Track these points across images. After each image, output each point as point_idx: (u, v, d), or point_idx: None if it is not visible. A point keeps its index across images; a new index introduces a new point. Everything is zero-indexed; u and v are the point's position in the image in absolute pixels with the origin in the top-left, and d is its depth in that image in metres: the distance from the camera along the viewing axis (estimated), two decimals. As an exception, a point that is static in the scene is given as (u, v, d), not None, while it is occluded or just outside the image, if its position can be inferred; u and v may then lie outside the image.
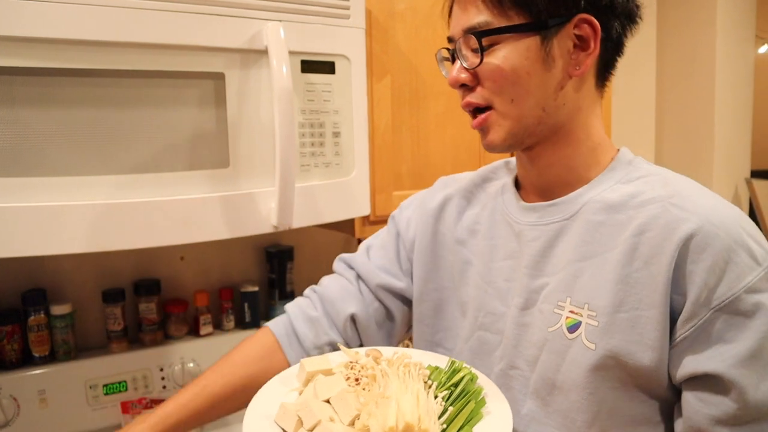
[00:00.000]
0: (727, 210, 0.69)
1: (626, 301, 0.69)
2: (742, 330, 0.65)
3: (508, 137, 0.75)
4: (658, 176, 0.75)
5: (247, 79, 1.01)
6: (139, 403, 1.28)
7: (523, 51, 0.71)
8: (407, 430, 0.58)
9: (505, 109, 0.74)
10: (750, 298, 0.65)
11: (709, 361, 0.65)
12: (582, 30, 0.72)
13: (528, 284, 0.78)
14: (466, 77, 0.74)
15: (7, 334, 1.22)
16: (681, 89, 2.19)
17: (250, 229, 1.03)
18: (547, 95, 0.73)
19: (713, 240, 0.66)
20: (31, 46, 0.85)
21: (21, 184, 0.86)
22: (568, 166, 0.78)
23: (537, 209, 0.80)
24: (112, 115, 0.92)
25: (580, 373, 0.71)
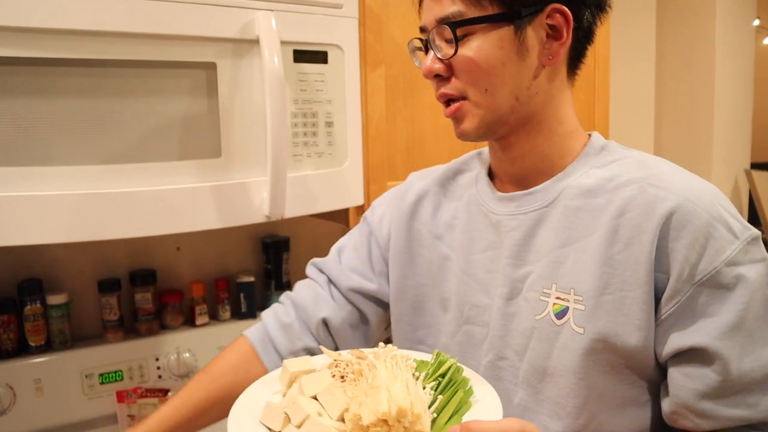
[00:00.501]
0: (704, 187, 0.70)
1: (611, 283, 0.70)
2: (724, 302, 0.66)
3: (481, 126, 0.76)
4: (632, 158, 0.76)
5: (239, 68, 1.01)
6: (135, 393, 1.29)
7: (496, 41, 0.72)
8: (400, 415, 0.58)
9: (479, 99, 0.74)
10: (731, 271, 0.66)
11: (693, 334, 0.67)
12: (554, 20, 0.73)
13: (511, 274, 0.78)
14: (440, 68, 0.75)
15: (3, 324, 1.22)
16: (680, 81, 2.19)
17: (243, 219, 1.03)
18: (521, 85, 0.74)
19: (692, 216, 0.67)
20: (23, 36, 0.85)
21: (15, 173, 0.86)
22: (542, 154, 0.79)
23: (514, 199, 0.80)
24: (105, 105, 0.92)
25: (572, 358, 0.71)
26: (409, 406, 0.59)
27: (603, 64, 1.58)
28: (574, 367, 0.71)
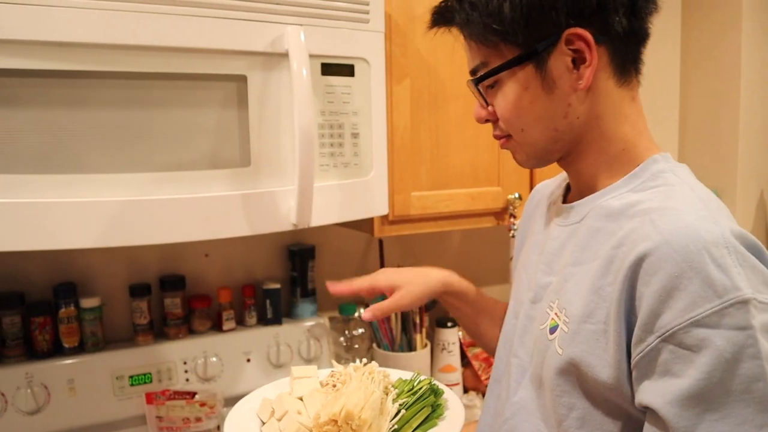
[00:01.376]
0: (700, 232, 0.62)
1: (595, 313, 0.68)
2: (687, 365, 0.60)
3: (530, 158, 0.80)
4: (669, 188, 0.71)
5: (269, 81, 1.05)
6: (163, 395, 1.32)
7: (522, 82, 0.73)
8: (347, 417, 0.65)
9: (520, 138, 0.77)
10: (697, 333, 0.59)
11: (650, 393, 0.62)
12: (575, 44, 0.70)
13: (539, 280, 0.81)
14: (486, 113, 0.80)
15: (39, 325, 1.27)
16: (705, 90, 2.17)
17: (270, 227, 1.06)
18: (556, 116, 0.74)
19: (666, 263, 0.61)
20: (61, 50, 0.89)
21: (52, 180, 0.90)
22: (590, 173, 0.78)
23: (562, 211, 0.82)
24: (139, 116, 0.96)
25: (551, 373, 0.72)
26: (358, 411, 0.65)
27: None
28: (552, 384, 0.72)
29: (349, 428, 0.64)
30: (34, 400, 1.22)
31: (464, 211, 1.40)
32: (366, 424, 0.64)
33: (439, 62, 1.32)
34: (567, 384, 0.71)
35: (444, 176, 1.37)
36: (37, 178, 0.89)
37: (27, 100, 0.88)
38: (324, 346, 1.52)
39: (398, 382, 0.78)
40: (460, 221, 1.42)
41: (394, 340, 1.57)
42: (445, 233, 1.80)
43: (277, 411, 0.73)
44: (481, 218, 1.44)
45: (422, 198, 1.34)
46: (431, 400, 0.73)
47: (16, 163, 0.88)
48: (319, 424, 0.65)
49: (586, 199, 0.78)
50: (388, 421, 0.69)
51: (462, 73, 1.34)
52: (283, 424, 0.70)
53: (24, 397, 1.21)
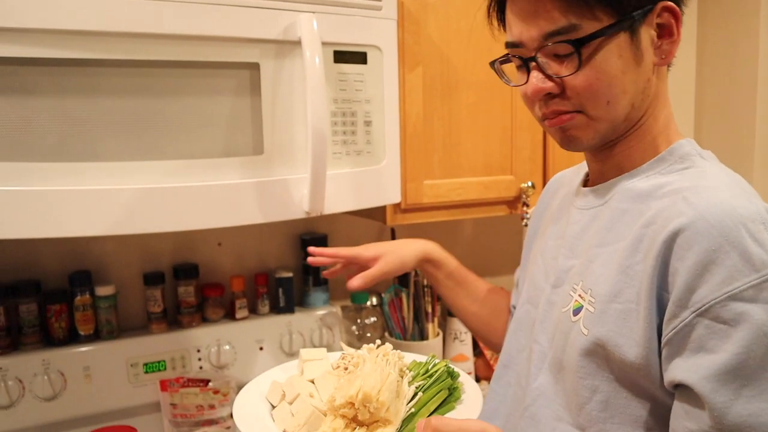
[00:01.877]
0: (737, 207, 0.62)
1: (623, 293, 0.68)
2: (723, 340, 0.59)
3: (595, 137, 0.74)
4: (699, 170, 0.71)
5: (282, 69, 1.04)
6: (177, 382, 1.33)
7: (615, 50, 0.69)
8: (365, 399, 0.62)
9: (599, 113, 0.71)
10: (735, 306, 0.58)
11: (684, 369, 0.61)
12: (663, 18, 0.70)
13: (562, 264, 0.80)
14: (552, 86, 0.71)
15: (56, 313, 1.28)
16: (721, 81, 2.14)
17: (283, 215, 1.06)
18: (638, 90, 0.72)
19: (702, 237, 0.61)
20: (78, 38, 0.89)
21: (68, 169, 0.91)
22: (626, 155, 0.76)
23: (585, 194, 0.81)
24: (153, 104, 0.96)
25: (575, 355, 0.72)
26: (376, 393, 0.63)
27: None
28: (576, 365, 0.71)
29: (367, 411, 0.62)
30: (51, 387, 1.23)
31: (477, 200, 1.40)
32: (384, 407, 0.63)
33: (452, 50, 1.32)
34: (591, 365, 0.70)
35: (456, 164, 1.36)
36: (53, 166, 0.90)
37: (42, 89, 0.88)
38: (336, 334, 1.53)
39: (413, 365, 0.77)
40: (472, 210, 1.41)
41: (406, 329, 1.57)
42: (458, 222, 1.80)
43: (288, 394, 0.72)
44: (493, 207, 1.43)
45: (435, 186, 1.34)
46: (448, 383, 0.72)
47: (32, 152, 0.88)
48: (335, 406, 0.63)
49: (610, 182, 0.77)
50: (404, 404, 0.67)
51: (476, 60, 1.34)
52: (295, 408, 0.69)
53: (41, 383, 1.22)
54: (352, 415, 0.63)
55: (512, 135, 1.42)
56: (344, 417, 0.64)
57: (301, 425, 0.65)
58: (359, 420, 0.63)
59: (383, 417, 0.63)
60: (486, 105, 1.38)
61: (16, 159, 0.87)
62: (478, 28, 0.79)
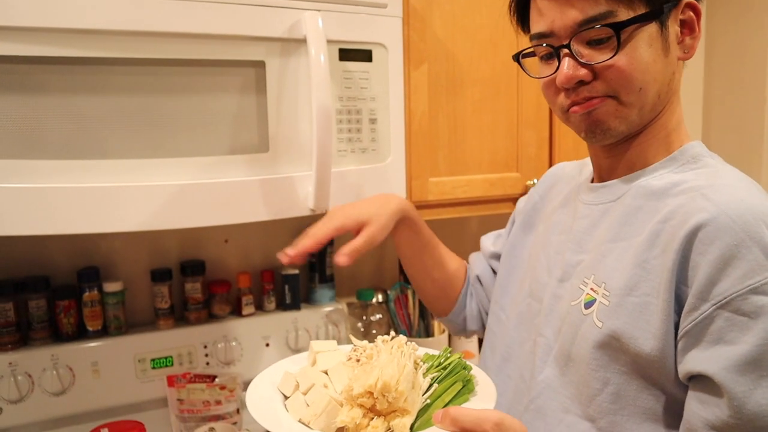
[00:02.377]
0: (756, 204, 0.64)
1: (639, 286, 0.69)
2: (743, 332, 0.61)
3: (623, 126, 0.74)
4: (713, 169, 0.73)
5: (287, 67, 1.05)
6: (184, 378, 1.34)
7: (647, 39, 0.71)
8: (384, 389, 0.62)
9: (632, 99, 0.73)
10: (757, 300, 0.60)
11: (704, 360, 0.63)
12: (686, 14, 0.73)
13: (569, 259, 0.81)
14: (585, 73, 0.72)
15: (64, 309, 1.29)
16: (730, 79, 2.13)
17: (288, 212, 1.07)
18: (665, 81, 0.74)
19: (724, 233, 0.63)
20: (87, 37, 0.90)
21: (76, 166, 0.92)
22: (642, 150, 0.77)
23: (594, 189, 0.82)
24: (160, 102, 0.97)
25: (587, 348, 0.72)
26: (395, 383, 0.63)
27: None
28: (588, 358, 0.72)
29: (386, 400, 0.62)
30: (59, 382, 1.25)
31: (482, 197, 1.40)
32: (402, 396, 0.63)
33: (457, 47, 1.32)
34: (604, 358, 0.71)
35: (462, 162, 1.37)
36: (61, 163, 0.91)
37: (51, 88, 0.89)
38: (342, 331, 1.54)
39: (426, 357, 0.77)
40: (478, 207, 1.41)
41: (412, 325, 1.57)
42: (464, 219, 1.80)
43: (302, 384, 0.72)
44: (499, 204, 1.43)
45: (440, 184, 1.34)
46: (462, 375, 0.72)
47: (41, 149, 0.89)
48: (353, 396, 0.63)
49: (622, 179, 0.78)
50: (420, 395, 0.67)
51: (481, 57, 1.34)
52: (311, 398, 0.69)
53: (50, 378, 1.24)
54: (370, 404, 0.63)
55: (518, 132, 1.42)
56: (362, 406, 0.63)
57: (318, 415, 0.65)
58: (377, 410, 0.63)
59: (401, 407, 0.64)
60: (491, 102, 1.38)
61: (25, 156, 0.88)
62: (483, 25, 0.79)
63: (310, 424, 0.67)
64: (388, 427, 0.63)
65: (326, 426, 0.65)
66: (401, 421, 0.63)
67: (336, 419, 0.64)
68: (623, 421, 0.70)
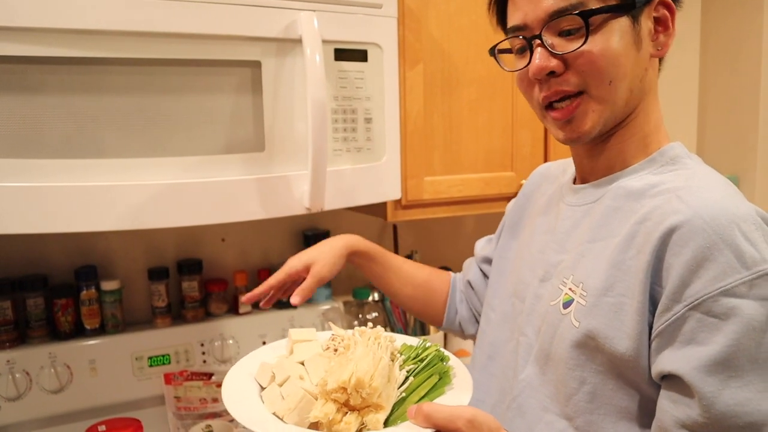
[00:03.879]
0: (730, 207, 0.64)
1: (615, 287, 0.69)
2: (713, 333, 0.62)
3: (598, 123, 0.74)
4: (690, 171, 0.73)
5: (282, 66, 1.06)
6: (181, 375, 1.35)
7: (618, 31, 0.71)
8: (358, 385, 0.62)
9: (602, 93, 0.73)
10: (727, 302, 0.61)
11: (675, 360, 0.63)
12: (659, 11, 0.73)
13: (551, 259, 0.82)
14: (557, 64, 0.72)
15: (62, 307, 1.30)
16: (725, 78, 2.14)
17: (284, 211, 1.08)
18: (636, 76, 0.74)
19: (697, 235, 0.63)
20: (84, 37, 0.91)
21: (74, 165, 0.92)
22: (619, 151, 0.78)
23: (577, 191, 0.83)
24: (157, 102, 0.98)
25: (565, 347, 0.73)
26: (369, 379, 0.63)
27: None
28: (566, 357, 0.73)
29: (359, 396, 0.62)
30: (57, 380, 1.25)
31: (477, 196, 1.41)
32: (376, 392, 0.63)
33: (452, 47, 1.33)
34: (581, 357, 0.72)
35: (457, 161, 1.37)
36: (59, 162, 0.91)
37: (49, 87, 0.90)
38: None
39: (404, 348, 0.76)
40: (473, 206, 1.42)
41: (408, 323, 1.58)
42: (460, 218, 1.81)
43: (277, 376, 0.71)
44: (494, 203, 1.44)
45: (435, 183, 1.35)
46: (439, 368, 0.72)
47: (39, 149, 0.90)
48: (327, 391, 0.63)
49: (602, 180, 0.79)
50: (395, 389, 0.67)
51: (477, 57, 1.35)
52: (286, 390, 0.69)
53: (48, 376, 1.25)
54: (344, 399, 0.63)
55: (513, 131, 1.42)
56: (336, 401, 0.63)
57: (291, 409, 0.65)
58: (351, 405, 0.63)
59: (375, 402, 0.64)
60: (487, 101, 1.39)
61: (23, 156, 0.89)
62: (478, 24, 0.80)
63: (284, 418, 0.66)
64: (362, 423, 0.63)
65: (299, 420, 0.65)
66: (375, 416, 0.63)
67: (309, 414, 0.64)
68: (599, 420, 0.71)
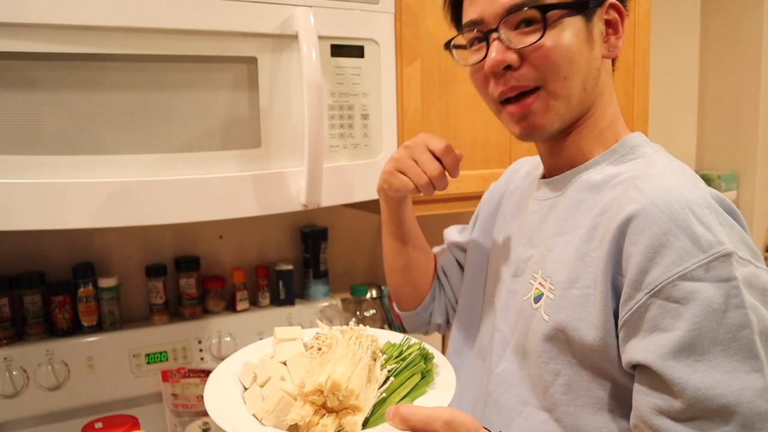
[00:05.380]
0: (684, 192, 0.65)
1: (580, 279, 0.70)
2: (676, 319, 0.62)
3: (555, 120, 0.76)
4: (648, 159, 0.74)
5: (279, 63, 1.06)
6: (178, 373, 1.35)
7: (573, 29, 0.73)
8: (334, 388, 0.62)
9: (557, 88, 0.74)
10: (686, 286, 0.61)
11: (641, 350, 0.64)
12: (610, 15, 0.75)
13: (521, 254, 0.83)
14: (513, 58, 0.73)
15: (59, 304, 1.30)
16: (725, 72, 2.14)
17: (281, 207, 1.08)
18: (589, 75, 0.75)
19: (652, 222, 0.63)
20: (81, 33, 0.91)
21: (71, 161, 0.92)
22: (578, 147, 0.80)
23: (541, 185, 0.84)
24: (154, 98, 0.97)
25: (537, 341, 0.74)
26: (346, 381, 0.62)
27: (643, 57, 1.57)
28: (539, 351, 0.74)
29: (336, 398, 0.62)
30: (54, 377, 1.25)
31: (475, 193, 1.40)
32: (353, 395, 0.62)
33: (449, 43, 1.32)
34: (553, 350, 0.73)
35: (455, 158, 1.37)
36: (55, 159, 0.91)
37: (45, 83, 0.90)
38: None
39: (386, 346, 0.76)
40: (471, 203, 1.42)
41: (406, 321, 1.58)
42: (457, 215, 1.80)
43: (259, 376, 0.71)
44: (492, 200, 1.44)
45: (433, 179, 1.34)
46: (420, 367, 0.71)
47: (36, 145, 0.90)
48: (304, 393, 0.63)
49: (566, 173, 0.80)
50: (376, 389, 0.67)
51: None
52: (266, 391, 0.68)
53: (45, 373, 1.25)
54: (321, 401, 0.63)
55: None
56: (313, 404, 0.63)
57: (270, 411, 0.65)
58: (328, 407, 0.63)
59: (353, 404, 0.63)
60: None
61: (21, 152, 0.89)
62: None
63: (262, 420, 0.66)
64: (340, 425, 0.63)
65: (278, 422, 0.65)
66: (352, 418, 0.62)
67: (286, 417, 0.63)
68: (577, 412, 0.71)
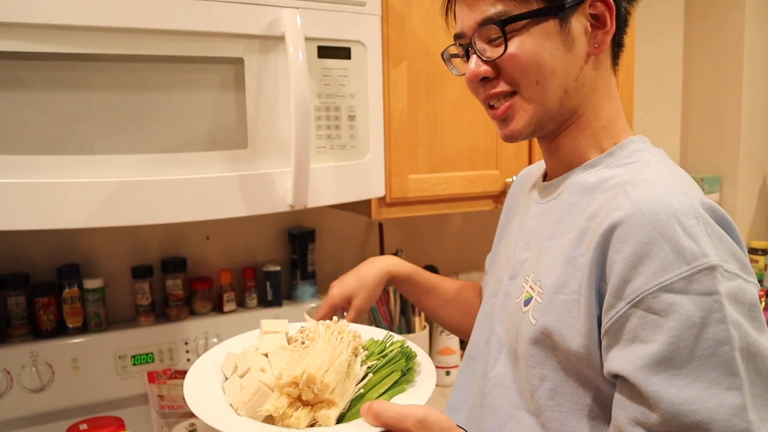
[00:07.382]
0: (672, 202, 0.63)
1: (568, 284, 0.70)
2: (655, 331, 0.61)
3: (530, 123, 0.76)
4: (643, 164, 0.73)
5: (266, 63, 1.06)
6: (165, 374, 1.34)
7: (543, 34, 0.72)
8: (309, 381, 0.63)
9: (531, 93, 0.74)
10: (666, 298, 0.60)
11: (621, 361, 0.63)
12: (596, 9, 0.74)
13: (518, 256, 0.83)
14: (487, 69, 0.75)
15: (44, 306, 1.29)
16: (708, 75, 2.16)
17: (267, 208, 1.08)
18: (569, 76, 0.74)
19: (637, 230, 0.62)
20: (68, 33, 0.90)
21: (57, 162, 0.92)
22: (573, 147, 0.79)
23: (542, 188, 0.84)
24: (140, 98, 0.97)
25: (525, 344, 0.74)
26: (321, 375, 0.63)
27: (626, 60, 1.58)
28: (526, 354, 0.74)
29: (311, 391, 0.62)
30: (39, 379, 1.24)
31: (462, 194, 1.41)
32: (328, 389, 0.62)
33: (436, 45, 1.33)
34: (540, 354, 0.72)
35: (441, 159, 1.38)
36: (41, 159, 0.91)
37: (32, 83, 0.90)
38: (324, 327, 1.55)
39: (369, 343, 0.76)
40: (457, 204, 1.43)
41: (393, 322, 1.58)
42: (446, 216, 1.81)
43: (240, 367, 0.71)
44: (479, 201, 1.45)
45: (419, 181, 1.35)
46: (401, 365, 0.71)
47: (23, 145, 0.89)
48: (280, 385, 0.63)
49: (563, 176, 0.80)
50: (354, 385, 0.67)
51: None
52: (245, 382, 0.68)
53: (29, 375, 1.24)
54: (296, 394, 0.63)
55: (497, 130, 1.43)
56: (289, 396, 0.63)
57: (246, 401, 0.65)
58: (303, 399, 0.63)
59: (327, 398, 0.63)
60: (471, 100, 1.38)
61: (5, 152, 0.88)
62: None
63: (237, 410, 0.66)
64: (313, 418, 0.63)
65: (252, 413, 0.65)
66: (326, 412, 0.63)
67: (261, 407, 0.64)
68: (562, 418, 0.71)
